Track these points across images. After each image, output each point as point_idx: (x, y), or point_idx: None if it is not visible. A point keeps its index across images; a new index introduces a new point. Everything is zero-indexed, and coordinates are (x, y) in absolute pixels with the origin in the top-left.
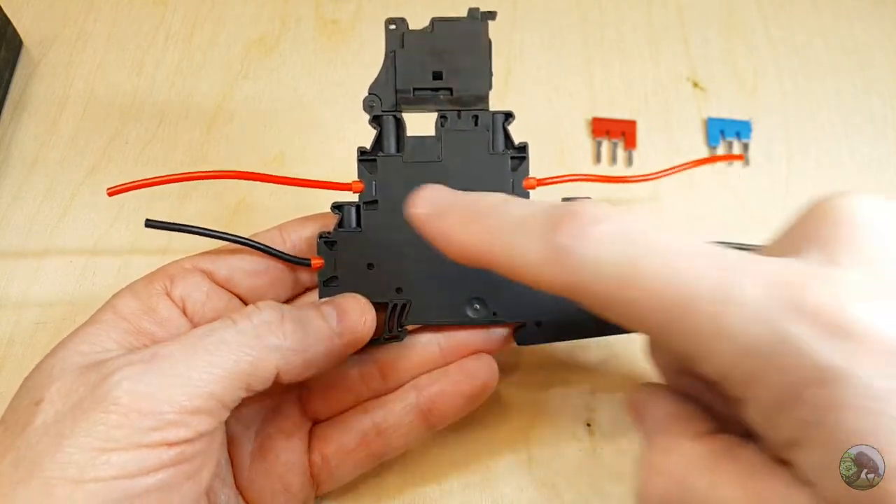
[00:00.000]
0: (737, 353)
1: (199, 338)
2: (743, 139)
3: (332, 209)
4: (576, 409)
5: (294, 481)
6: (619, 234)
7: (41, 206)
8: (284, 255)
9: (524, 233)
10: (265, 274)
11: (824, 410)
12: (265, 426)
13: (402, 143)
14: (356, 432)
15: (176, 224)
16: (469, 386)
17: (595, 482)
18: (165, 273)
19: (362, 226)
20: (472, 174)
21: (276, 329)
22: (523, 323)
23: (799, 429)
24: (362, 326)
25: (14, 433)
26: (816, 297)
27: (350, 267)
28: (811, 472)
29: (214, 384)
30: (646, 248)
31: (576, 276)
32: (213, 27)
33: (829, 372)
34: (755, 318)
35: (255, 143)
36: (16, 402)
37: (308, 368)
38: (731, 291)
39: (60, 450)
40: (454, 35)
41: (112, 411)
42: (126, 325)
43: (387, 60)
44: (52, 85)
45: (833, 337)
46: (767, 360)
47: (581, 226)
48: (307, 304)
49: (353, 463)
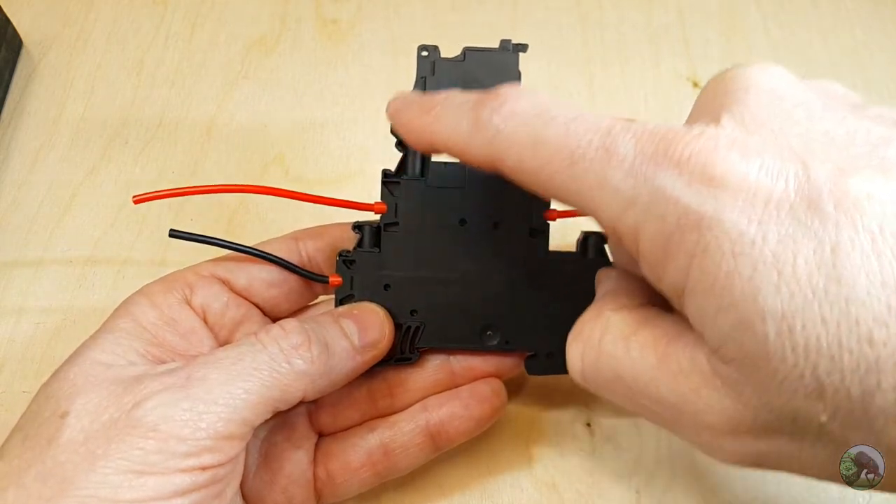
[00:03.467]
0: (619, 206)
1: (232, 362)
2: None
3: (353, 229)
4: (576, 409)
5: (297, 493)
6: (530, 108)
7: (41, 207)
8: (304, 272)
9: (458, 113)
10: (282, 285)
11: (697, 256)
12: (272, 435)
13: (426, 168)
14: (362, 451)
15: (200, 236)
16: (479, 410)
17: (595, 482)
18: (184, 280)
19: (381, 247)
20: (493, 202)
21: (304, 353)
22: (534, 353)
23: (679, 276)
24: (382, 342)
25: (37, 446)
26: (686, 147)
27: (367, 286)
28: (696, 321)
29: (247, 410)
30: (549, 118)
31: (493, 144)
32: (213, 27)
33: (697, 217)
34: (630, 169)
35: (254, 143)
36: (35, 410)
37: (330, 388)
38: (611, 146)
39: (94, 469)
40: (485, 65)
41: (150, 437)
42: (148, 336)
43: (416, 85)
44: (52, 85)
45: (700, 184)
46: (645, 209)
47: (500, 102)
48: (327, 316)
49: (357, 481)
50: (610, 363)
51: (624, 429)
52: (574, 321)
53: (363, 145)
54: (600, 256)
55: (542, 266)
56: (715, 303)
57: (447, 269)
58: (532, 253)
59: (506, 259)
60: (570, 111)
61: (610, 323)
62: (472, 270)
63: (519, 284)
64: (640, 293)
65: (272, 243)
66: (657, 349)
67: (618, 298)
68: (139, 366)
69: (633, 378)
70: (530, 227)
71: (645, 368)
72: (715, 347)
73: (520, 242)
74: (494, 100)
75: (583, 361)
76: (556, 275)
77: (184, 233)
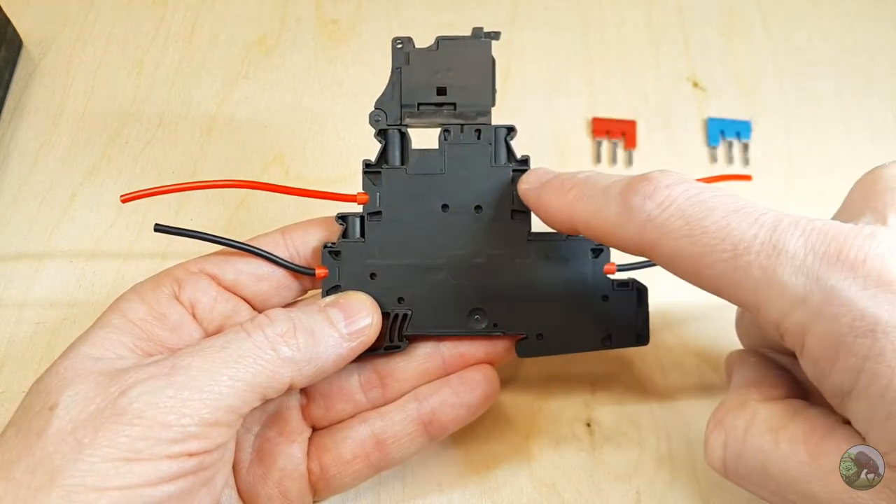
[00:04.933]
0: (787, 303)
1: (216, 350)
2: (743, 139)
3: (336, 220)
4: (576, 409)
5: (291, 487)
6: (685, 197)
7: (41, 206)
8: (290, 264)
9: (605, 196)
10: (270, 278)
11: (871, 360)
12: (265, 430)
13: (406, 157)
14: (354, 442)
15: (184, 230)
16: (471, 396)
17: (595, 482)
18: (172, 277)
19: (366, 236)
20: (474, 186)
21: (290, 340)
22: (525, 335)
23: (848, 378)
24: (369, 328)
25: (27, 438)
26: (858, 249)
27: (353, 276)
28: (861, 424)
29: (234, 397)
30: (708, 209)
31: (646, 231)
32: (213, 27)
33: (873, 321)
34: (800, 268)
35: (254, 143)
36: (27, 404)
37: (319, 375)
38: (779, 243)
39: (81, 458)
40: (459, 53)
41: (136, 424)
42: (138, 331)
43: (393, 76)
44: (52, 85)
45: (876, 288)
46: (816, 310)
47: (653, 188)
48: (313, 306)
49: (351, 473)
50: (756, 456)
51: (624, 429)
52: (562, 300)
53: (363, 145)
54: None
55: (526, 247)
56: (887, 409)
57: (432, 255)
58: (515, 234)
59: (489, 242)
60: (730, 202)
61: (757, 414)
62: (456, 255)
63: (504, 267)
64: (784, 384)
65: (261, 238)
66: (808, 445)
67: (763, 388)
68: (128, 359)
69: (782, 473)
70: (512, 209)
71: (796, 464)
72: (883, 452)
73: (503, 224)
74: (647, 185)
75: (725, 451)
76: (540, 255)
77: (168, 227)
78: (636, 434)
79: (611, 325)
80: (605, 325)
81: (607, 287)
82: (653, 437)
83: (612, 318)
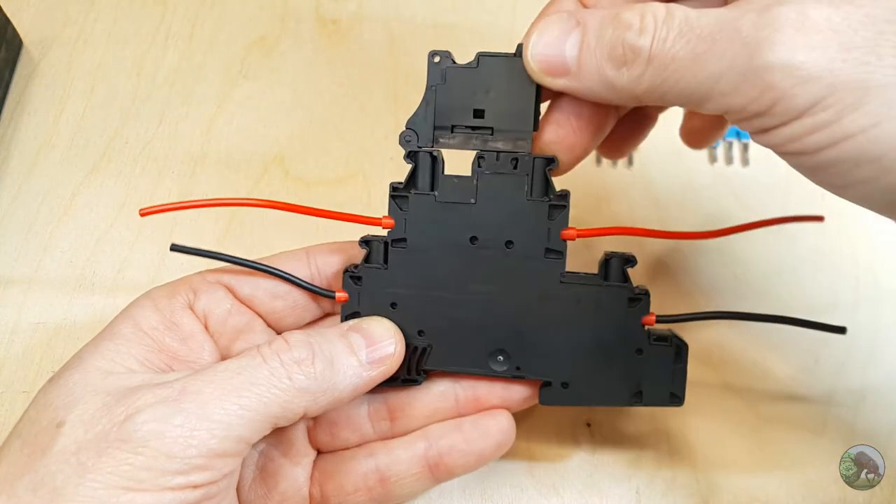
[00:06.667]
0: None
1: (228, 376)
2: (743, 139)
3: (360, 244)
4: (576, 409)
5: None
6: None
7: (41, 206)
8: (310, 285)
9: None
10: (287, 297)
11: None
12: (270, 449)
13: (436, 182)
14: (358, 476)
15: (203, 251)
16: (482, 444)
17: (595, 482)
18: (189, 285)
19: (389, 263)
20: (506, 220)
21: (307, 369)
22: (549, 381)
23: None
24: (392, 358)
25: (32, 454)
26: None
27: (373, 303)
28: None
29: (243, 427)
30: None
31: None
32: (213, 27)
33: None
34: None
35: (254, 144)
36: (33, 416)
37: (334, 405)
38: None
39: (83, 482)
40: (500, 72)
41: (139, 452)
42: (149, 342)
43: (427, 94)
44: (52, 85)
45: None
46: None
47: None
48: (334, 330)
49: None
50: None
51: (624, 429)
52: (592, 349)
53: (363, 145)
54: (623, 281)
55: (558, 289)
56: None
57: (457, 288)
58: (548, 274)
59: (519, 280)
60: None
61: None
62: (483, 291)
63: (533, 308)
64: None
65: (283, 256)
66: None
67: None
68: (138, 374)
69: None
70: (546, 247)
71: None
72: None
73: (535, 263)
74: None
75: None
76: (573, 299)
77: (186, 247)
78: (636, 434)
79: (643, 381)
80: (637, 381)
81: (643, 340)
82: (653, 437)
83: (645, 374)
